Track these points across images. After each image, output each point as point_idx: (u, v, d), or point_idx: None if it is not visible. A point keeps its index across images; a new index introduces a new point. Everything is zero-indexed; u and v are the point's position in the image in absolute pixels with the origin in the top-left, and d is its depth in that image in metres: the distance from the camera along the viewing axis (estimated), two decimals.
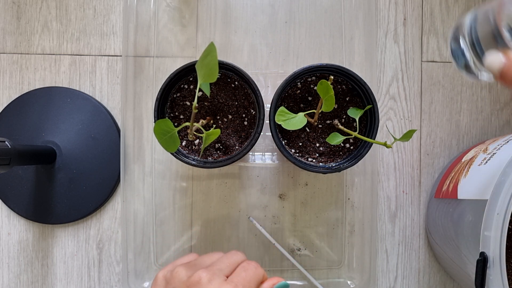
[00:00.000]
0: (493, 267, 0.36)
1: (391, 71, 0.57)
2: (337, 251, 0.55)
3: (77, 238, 0.55)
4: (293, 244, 0.55)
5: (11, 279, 0.55)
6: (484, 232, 0.37)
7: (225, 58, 0.55)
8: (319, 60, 0.55)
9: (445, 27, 0.57)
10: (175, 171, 0.55)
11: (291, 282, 0.55)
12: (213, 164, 0.44)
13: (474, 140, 0.57)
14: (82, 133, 0.54)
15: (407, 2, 0.57)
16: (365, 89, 0.44)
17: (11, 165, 0.44)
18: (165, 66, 0.55)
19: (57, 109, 0.55)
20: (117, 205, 0.56)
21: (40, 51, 0.56)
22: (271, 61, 0.56)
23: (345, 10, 0.55)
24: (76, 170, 0.54)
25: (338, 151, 0.46)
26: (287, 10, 0.56)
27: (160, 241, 0.54)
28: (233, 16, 0.56)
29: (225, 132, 0.46)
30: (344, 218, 0.55)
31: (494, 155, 0.43)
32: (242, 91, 0.46)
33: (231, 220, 0.55)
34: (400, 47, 0.57)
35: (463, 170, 0.47)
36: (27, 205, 0.54)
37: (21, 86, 0.56)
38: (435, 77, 0.57)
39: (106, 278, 0.55)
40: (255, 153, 0.53)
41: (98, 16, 0.56)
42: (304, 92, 0.46)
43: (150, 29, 0.55)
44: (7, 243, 0.55)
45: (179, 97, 0.46)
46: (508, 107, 0.57)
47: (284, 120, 0.41)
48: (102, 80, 0.56)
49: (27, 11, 0.56)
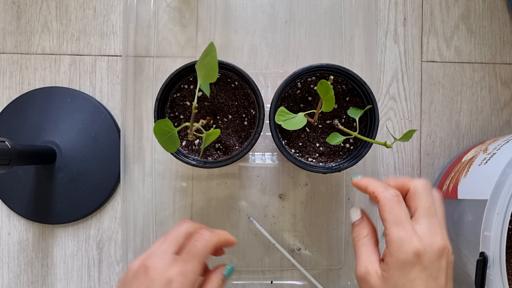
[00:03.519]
0: (493, 267, 0.36)
1: (391, 71, 0.57)
2: (337, 251, 0.55)
3: (77, 238, 0.55)
4: (293, 244, 0.55)
5: (11, 279, 0.55)
6: (484, 232, 0.37)
7: (225, 58, 0.55)
8: (319, 60, 0.55)
9: (445, 27, 0.57)
10: (175, 171, 0.55)
11: (291, 282, 0.55)
12: (213, 164, 0.44)
13: (474, 140, 0.57)
14: (82, 133, 0.54)
15: (407, 2, 0.57)
16: (365, 89, 0.44)
17: (11, 165, 0.44)
18: (165, 66, 0.55)
19: (57, 109, 0.55)
20: (117, 205, 0.56)
21: (40, 51, 0.56)
22: (271, 61, 0.56)
23: (345, 10, 0.55)
24: (76, 170, 0.54)
25: (338, 151, 0.46)
26: (287, 10, 0.56)
27: None
28: (233, 16, 0.56)
29: (225, 132, 0.46)
30: (344, 218, 0.55)
31: (494, 155, 0.43)
32: (242, 91, 0.46)
33: (231, 220, 0.55)
34: (400, 47, 0.57)
35: (463, 170, 0.47)
36: (27, 205, 0.54)
37: (21, 86, 0.56)
38: (435, 77, 0.57)
39: (106, 278, 0.55)
40: (255, 153, 0.53)
41: (98, 16, 0.56)
42: (304, 92, 0.46)
43: (150, 29, 0.55)
44: (7, 243, 0.55)
45: (179, 97, 0.46)
46: (508, 107, 0.57)
47: (284, 120, 0.41)
48: (102, 80, 0.56)
49: (27, 11, 0.56)
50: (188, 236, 0.38)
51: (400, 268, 0.34)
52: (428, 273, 0.34)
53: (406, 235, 0.34)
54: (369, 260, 0.36)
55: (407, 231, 0.34)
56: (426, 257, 0.34)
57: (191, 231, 0.39)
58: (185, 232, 0.38)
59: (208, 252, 0.37)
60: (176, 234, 0.38)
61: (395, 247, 0.34)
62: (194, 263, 0.36)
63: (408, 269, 0.34)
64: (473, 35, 0.57)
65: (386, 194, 0.36)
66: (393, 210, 0.36)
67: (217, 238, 0.38)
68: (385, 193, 0.36)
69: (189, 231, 0.39)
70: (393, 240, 0.35)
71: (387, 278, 0.35)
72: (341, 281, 0.55)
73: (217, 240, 0.38)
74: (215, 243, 0.38)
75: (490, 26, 0.57)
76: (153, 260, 0.36)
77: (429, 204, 0.36)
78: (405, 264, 0.34)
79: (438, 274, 0.34)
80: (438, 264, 0.34)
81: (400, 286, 0.34)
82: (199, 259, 0.36)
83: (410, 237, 0.34)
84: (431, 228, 0.35)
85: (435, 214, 0.36)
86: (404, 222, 0.35)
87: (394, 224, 0.35)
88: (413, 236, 0.34)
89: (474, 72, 0.57)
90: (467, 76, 0.57)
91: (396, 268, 0.34)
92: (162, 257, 0.36)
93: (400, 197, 0.36)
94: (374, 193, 0.37)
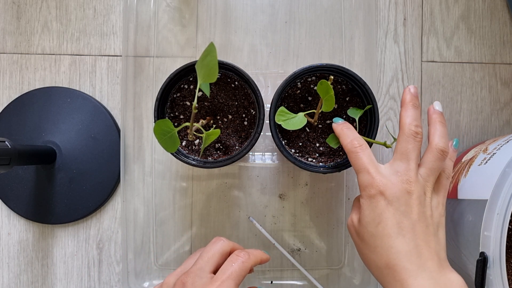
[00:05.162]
0: (493, 267, 0.36)
1: (391, 71, 0.57)
2: (337, 251, 0.55)
3: (77, 238, 0.55)
4: (293, 244, 0.55)
5: (11, 279, 0.55)
6: (484, 232, 0.37)
7: (225, 58, 0.55)
8: (319, 60, 0.55)
9: (445, 27, 0.57)
10: (175, 171, 0.55)
11: (291, 282, 0.55)
12: (213, 164, 0.44)
13: (474, 140, 0.57)
14: (82, 133, 0.54)
15: (407, 2, 0.57)
16: (365, 89, 0.44)
17: (11, 165, 0.44)
18: (165, 66, 0.55)
19: (57, 109, 0.55)
20: (117, 205, 0.56)
21: (40, 51, 0.56)
22: (271, 61, 0.56)
23: (345, 10, 0.55)
24: (76, 170, 0.54)
25: (338, 151, 0.46)
26: (287, 10, 0.56)
27: (160, 241, 0.54)
28: (233, 16, 0.56)
29: (225, 132, 0.46)
30: (344, 218, 0.55)
31: (494, 155, 0.43)
32: (242, 91, 0.46)
33: (231, 220, 0.55)
34: (400, 47, 0.57)
35: (463, 170, 0.47)
36: (27, 205, 0.54)
37: (21, 86, 0.56)
38: (435, 77, 0.57)
39: (106, 278, 0.55)
40: (255, 153, 0.53)
41: (98, 16, 0.56)
42: (304, 92, 0.46)
43: (150, 29, 0.55)
44: (7, 243, 0.55)
45: (179, 97, 0.46)
46: (508, 107, 0.57)
47: (284, 120, 0.41)
48: (102, 80, 0.56)
49: (27, 11, 0.56)
50: (223, 255, 0.39)
51: (369, 205, 0.37)
52: (395, 207, 0.36)
53: (369, 178, 0.37)
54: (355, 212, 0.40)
55: (370, 175, 0.37)
56: (388, 192, 0.37)
57: (226, 249, 0.40)
58: (220, 252, 0.39)
59: (245, 274, 0.38)
60: (212, 253, 0.39)
61: (362, 191, 0.38)
62: (230, 284, 0.36)
63: (375, 204, 0.37)
64: (473, 35, 0.57)
65: (350, 145, 0.39)
66: (357, 159, 0.39)
67: (254, 260, 0.39)
68: (349, 145, 0.39)
69: (224, 250, 0.40)
70: (361, 186, 0.38)
71: (361, 219, 0.38)
72: (341, 281, 0.55)
73: (253, 262, 0.39)
74: (251, 265, 0.39)
75: (490, 26, 0.57)
76: (190, 277, 0.37)
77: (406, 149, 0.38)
78: (371, 199, 0.37)
79: (406, 209, 0.36)
80: (404, 199, 0.37)
81: (372, 221, 0.37)
82: (235, 280, 0.37)
83: (373, 179, 0.37)
84: (399, 170, 0.38)
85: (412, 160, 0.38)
86: (367, 167, 0.38)
87: (359, 172, 0.38)
88: (376, 178, 0.37)
89: (474, 72, 0.57)
90: (467, 76, 0.57)
91: (366, 206, 0.38)
92: (199, 275, 0.37)
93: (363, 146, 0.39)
94: (343, 144, 0.40)
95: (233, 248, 0.40)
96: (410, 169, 0.38)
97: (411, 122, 0.39)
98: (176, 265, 0.55)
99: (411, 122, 0.39)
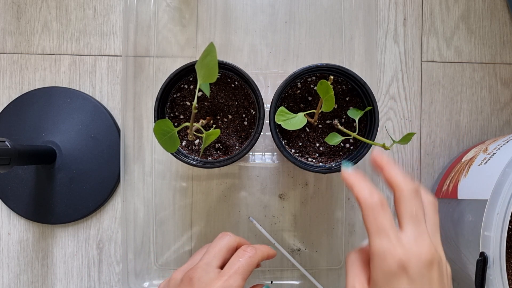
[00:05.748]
0: (493, 267, 0.36)
1: (391, 71, 0.57)
2: (337, 251, 0.55)
3: (77, 238, 0.55)
4: (293, 244, 0.55)
5: (11, 279, 0.55)
6: (484, 232, 0.37)
7: (225, 58, 0.55)
8: (319, 60, 0.55)
9: (445, 27, 0.57)
10: (175, 171, 0.55)
11: (291, 282, 0.55)
12: (213, 164, 0.44)
13: (474, 140, 0.57)
14: (82, 133, 0.54)
15: (407, 2, 0.57)
16: (365, 89, 0.44)
17: (11, 165, 0.44)
18: (165, 66, 0.55)
19: (57, 109, 0.55)
20: (117, 205, 0.56)
21: (40, 51, 0.56)
22: (271, 61, 0.56)
23: (345, 10, 0.55)
24: (76, 170, 0.54)
25: (338, 151, 0.46)
26: (287, 10, 0.56)
27: (160, 241, 0.54)
28: (233, 16, 0.56)
29: (225, 132, 0.46)
30: (344, 218, 0.55)
31: (494, 155, 0.43)
32: (242, 91, 0.46)
33: (231, 220, 0.55)
34: (400, 47, 0.57)
35: (463, 170, 0.47)
36: (27, 205, 0.54)
37: (21, 86, 0.56)
38: (435, 77, 0.57)
39: (106, 278, 0.55)
40: (255, 153, 0.53)
41: (98, 16, 0.56)
42: (304, 92, 0.46)
43: (150, 29, 0.55)
44: (7, 243, 0.55)
45: (179, 97, 0.46)
46: (508, 107, 0.57)
47: (284, 120, 0.41)
48: (102, 80, 0.56)
49: (27, 11, 0.56)
50: (230, 250, 0.39)
51: (386, 283, 0.31)
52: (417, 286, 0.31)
53: (389, 245, 0.32)
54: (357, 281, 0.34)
55: (390, 241, 0.32)
56: (412, 268, 0.31)
57: (233, 245, 0.40)
58: (227, 247, 0.39)
59: (252, 269, 0.38)
60: (219, 248, 0.39)
61: (378, 260, 0.32)
62: (237, 279, 0.36)
63: (394, 283, 0.31)
64: (473, 35, 0.57)
65: (370, 200, 0.33)
66: (376, 218, 0.33)
67: (260, 255, 0.39)
68: (369, 200, 0.33)
69: (231, 245, 0.39)
70: (375, 252, 0.32)
71: None
72: (341, 281, 0.55)
73: (260, 257, 0.39)
74: (258, 260, 0.39)
75: (490, 26, 0.57)
76: (197, 272, 0.37)
77: (415, 210, 0.33)
78: (390, 278, 0.31)
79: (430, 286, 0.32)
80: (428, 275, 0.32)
81: None
82: (242, 275, 0.37)
83: (394, 247, 0.32)
84: (417, 236, 0.32)
85: (422, 221, 0.33)
86: (388, 231, 0.32)
87: (377, 234, 0.32)
88: (396, 246, 0.32)
89: (474, 72, 0.57)
90: (467, 76, 0.57)
91: (382, 282, 0.32)
92: (206, 270, 0.37)
93: (384, 203, 0.33)
94: (358, 197, 0.34)
95: (239, 243, 0.40)
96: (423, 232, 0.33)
97: (406, 179, 0.34)
98: (176, 265, 0.55)
99: (405, 179, 0.34)
